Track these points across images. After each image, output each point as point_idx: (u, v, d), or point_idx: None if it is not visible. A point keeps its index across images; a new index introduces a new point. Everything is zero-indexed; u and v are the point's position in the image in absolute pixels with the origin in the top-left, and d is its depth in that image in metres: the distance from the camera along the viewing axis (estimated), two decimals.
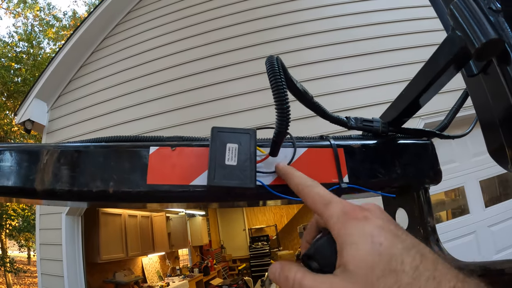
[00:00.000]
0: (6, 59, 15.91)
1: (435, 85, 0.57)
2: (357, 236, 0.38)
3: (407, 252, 0.35)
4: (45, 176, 0.55)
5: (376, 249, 0.36)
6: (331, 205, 0.43)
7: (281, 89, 0.48)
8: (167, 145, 0.56)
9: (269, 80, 0.49)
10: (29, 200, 0.60)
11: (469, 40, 0.44)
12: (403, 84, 3.53)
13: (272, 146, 0.56)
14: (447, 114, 0.82)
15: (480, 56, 0.45)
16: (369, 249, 0.36)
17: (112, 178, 0.53)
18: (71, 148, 0.56)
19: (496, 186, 4.40)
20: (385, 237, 0.37)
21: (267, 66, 0.50)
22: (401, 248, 0.36)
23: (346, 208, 0.41)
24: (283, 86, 0.48)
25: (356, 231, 0.38)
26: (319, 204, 0.44)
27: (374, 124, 0.71)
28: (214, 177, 0.50)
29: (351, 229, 0.39)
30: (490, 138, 0.62)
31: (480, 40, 0.43)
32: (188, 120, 4.56)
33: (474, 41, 0.43)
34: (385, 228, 0.38)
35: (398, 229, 0.39)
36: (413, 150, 0.71)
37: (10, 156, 0.56)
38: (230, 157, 0.52)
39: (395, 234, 0.37)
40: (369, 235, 0.37)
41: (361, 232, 0.38)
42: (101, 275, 6.57)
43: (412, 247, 0.36)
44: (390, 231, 0.38)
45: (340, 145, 0.64)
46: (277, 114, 0.50)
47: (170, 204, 0.58)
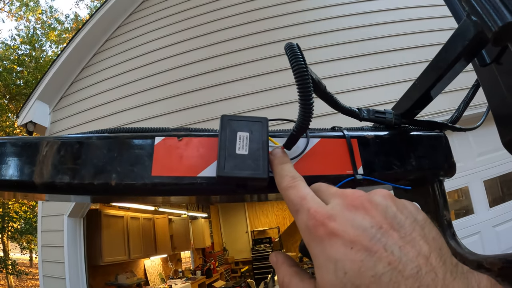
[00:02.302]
0: (8, 62, 16.01)
1: (449, 74, 0.56)
2: (320, 260, 0.33)
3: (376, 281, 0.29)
4: (44, 169, 0.53)
5: (339, 279, 0.30)
6: (298, 214, 0.38)
7: (307, 83, 0.44)
8: (173, 135, 0.53)
9: (293, 71, 0.45)
10: (29, 194, 0.58)
11: (485, 24, 0.42)
12: (404, 84, 3.53)
13: (289, 139, 0.52)
14: (458, 107, 0.81)
15: (497, 41, 0.42)
16: (332, 279, 0.31)
17: (115, 170, 0.51)
18: (72, 140, 0.54)
19: (500, 186, 4.38)
20: (352, 261, 0.30)
21: (289, 54, 0.46)
22: (370, 276, 0.29)
23: (309, 221, 0.35)
24: (309, 79, 0.44)
25: (319, 254, 0.33)
26: (292, 212, 0.40)
27: (387, 115, 0.69)
28: (224, 167, 0.47)
29: (314, 249, 0.34)
30: (505, 129, 0.60)
31: (497, 24, 0.41)
32: (191, 121, 4.54)
33: (490, 25, 0.42)
34: (357, 242, 0.31)
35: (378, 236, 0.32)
36: (427, 142, 0.69)
37: (8, 149, 0.54)
38: (241, 146, 0.49)
39: (368, 249, 0.31)
40: (332, 260, 0.32)
41: (323, 256, 0.33)
42: (103, 278, 6.57)
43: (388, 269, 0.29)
44: (362, 247, 0.31)
45: (353, 136, 0.61)
46: (300, 107, 0.47)
47: (176, 197, 0.56)
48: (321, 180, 0.51)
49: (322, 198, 0.39)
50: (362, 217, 0.34)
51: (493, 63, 0.55)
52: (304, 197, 0.39)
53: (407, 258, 0.30)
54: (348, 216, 0.34)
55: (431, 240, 0.32)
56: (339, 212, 0.35)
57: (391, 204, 0.35)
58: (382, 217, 0.34)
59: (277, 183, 0.46)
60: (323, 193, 0.40)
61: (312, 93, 0.45)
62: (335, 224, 0.34)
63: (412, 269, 0.29)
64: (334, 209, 0.35)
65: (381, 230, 0.32)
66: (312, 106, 0.46)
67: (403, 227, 0.33)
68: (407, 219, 0.34)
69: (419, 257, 0.30)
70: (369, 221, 0.33)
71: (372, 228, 0.32)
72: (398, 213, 0.35)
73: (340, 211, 0.35)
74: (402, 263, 0.29)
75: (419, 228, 0.33)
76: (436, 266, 0.30)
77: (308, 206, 0.37)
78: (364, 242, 0.31)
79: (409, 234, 0.32)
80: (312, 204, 0.37)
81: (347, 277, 0.30)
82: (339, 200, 0.36)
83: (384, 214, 0.34)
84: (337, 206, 0.36)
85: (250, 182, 0.49)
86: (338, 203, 0.36)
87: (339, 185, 0.55)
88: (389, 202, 0.36)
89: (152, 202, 3.45)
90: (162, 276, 8.21)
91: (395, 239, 0.31)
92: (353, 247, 0.31)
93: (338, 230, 0.33)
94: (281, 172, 0.46)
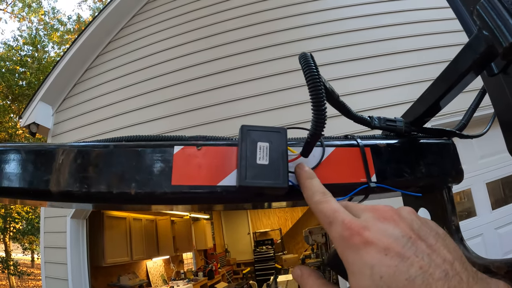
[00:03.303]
0: (11, 63, 16.04)
1: (459, 85, 0.57)
2: (356, 266, 0.35)
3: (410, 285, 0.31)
4: (61, 177, 0.53)
5: (375, 283, 0.33)
6: (332, 226, 0.40)
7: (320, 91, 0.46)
8: (192, 144, 0.54)
9: (306, 79, 0.47)
10: (37, 202, 0.58)
11: (496, 40, 0.45)
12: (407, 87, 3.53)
13: (304, 147, 0.54)
14: (465, 114, 0.82)
15: (507, 55, 0.45)
16: (368, 283, 0.33)
17: (134, 179, 0.52)
18: (88, 148, 0.55)
19: (502, 188, 4.38)
20: (388, 265, 0.33)
21: (303, 63, 0.48)
22: (404, 279, 0.32)
23: (345, 232, 0.37)
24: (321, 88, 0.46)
25: (355, 261, 0.35)
26: (324, 224, 0.42)
27: (397, 124, 0.70)
28: (245, 177, 0.48)
29: (350, 257, 0.36)
30: (511, 136, 0.61)
31: (507, 40, 0.43)
32: (193, 123, 4.55)
33: (502, 41, 0.44)
34: (391, 249, 0.34)
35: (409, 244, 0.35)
36: (436, 150, 0.70)
37: (23, 156, 0.54)
38: (261, 156, 0.50)
39: (401, 255, 0.34)
40: (368, 266, 0.34)
41: (359, 263, 0.35)
42: (105, 279, 6.57)
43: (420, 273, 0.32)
44: (395, 254, 0.34)
45: (367, 144, 0.63)
46: (313, 115, 0.48)
47: (194, 205, 0.57)
48: (336, 188, 0.52)
49: (352, 213, 0.41)
50: (393, 227, 0.37)
51: (500, 73, 0.56)
52: (337, 210, 0.41)
53: (435, 264, 0.33)
54: (381, 226, 0.37)
55: (452, 250, 0.36)
56: (372, 223, 0.37)
57: (416, 219, 0.39)
58: (409, 229, 0.37)
59: (307, 197, 0.48)
60: (352, 208, 0.42)
61: (325, 102, 0.46)
62: (369, 233, 0.36)
63: (440, 272, 0.32)
64: (367, 220, 0.38)
65: (411, 239, 0.35)
66: (325, 114, 0.47)
67: (428, 238, 0.36)
68: (431, 232, 0.38)
69: (445, 263, 0.33)
70: (399, 231, 0.36)
71: (403, 237, 0.36)
72: (422, 226, 0.38)
73: (373, 222, 0.38)
74: (432, 267, 0.33)
75: (441, 240, 0.37)
76: (460, 271, 0.33)
77: (342, 218, 0.39)
78: (397, 249, 0.34)
79: (434, 244, 0.36)
80: (345, 216, 0.40)
81: (383, 280, 0.33)
82: (370, 213, 0.39)
83: (411, 226, 0.37)
84: (369, 218, 0.38)
85: (271, 191, 0.50)
86: (370, 216, 0.39)
87: (354, 192, 0.57)
88: (413, 217, 0.39)
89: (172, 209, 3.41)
90: (164, 278, 8.21)
91: (423, 248, 0.35)
92: (387, 254, 0.34)
93: (373, 239, 0.35)
94: (311, 188, 0.48)
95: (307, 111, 0.60)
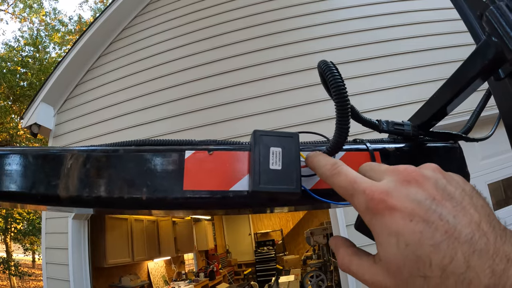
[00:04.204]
0: (12, 63, 16.05)
1: (467, 90, 0.58)
2: (382, 235, 0.35)
3: (436, 249, 0.31)
4: (70, 182, 0.52)
5: (401, 251, 0.33)
6: (354, 197, 0.39)
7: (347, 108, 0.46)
8: (203, 149, 0.54)
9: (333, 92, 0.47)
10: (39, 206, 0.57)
11: (506, 46, 0.45)
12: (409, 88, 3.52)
13: None
14: (470, 117, 0.82)
15: None
16: (395, 252, 0.34)
17: (145, 184, 0.51)
18: (98, 152, 0.54)
19: (503, 189, 4.38)
20: (413, 233, 0.33)
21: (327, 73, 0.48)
22: (429, 245, 0.32)
23: (369, 201, 0.37)
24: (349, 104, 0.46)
25: (381, 230, 0.35)
26: (346, 196, 0.41)
27: (405, 127, 0.70)
28: (259, 182, 0.48)
29: (376, 226, 0.36)
30: None
31: None
32: (195, 124, 4.56)
33: (511, 48, 0.44)
34: (416, 214, 0.34)
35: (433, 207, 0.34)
36: (443, 153, 0.70)
37: (31, 160, 0.53)
38: (274, 161, 0.50)
39: (426, 220, 0.33)
40: (394, 234, 0.34)
41: (386, 231, 0.35)
42: (107, 280, 6.59)
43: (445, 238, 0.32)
44: (420, 219, 0.33)
45: (376, 148, 0.63)
46: (337, 130, 0.48)
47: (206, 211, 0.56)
48: None
49: (373, 176, 0.41)
50: (416, 190, 0.36)
51: (506, 77, 0.57)
52: (354, 181, 0.40)
53: (461, 226, 0.32)
54: (404, 191, 0.36)
55: (480, 208, 0.35)
56: (395, 188, 0.37)
57: (441, 177, 0.38)
58: (434, 189, 0.36)
59: (321, 176, 0.47)
60: (375, 171, 0.42)
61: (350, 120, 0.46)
62: (392, 199, 0.35)
63: (466, 235, 0.31)
64: (389, 185, 0.37)
65: (435, 201, 0.35)
66: (348, 130, 0.48)
67: (454, 198, 0.35)
68: (457, 189, 0.36)
69: (471, 224, 0.32)
70: (423, 193, 0.35)
71: (427, 200, 0.35)
72: (447, 184, 0.37)
73: (395, 187, 0.37)
74: (457, 230, 0.32)
75: (468, 197, 0.36)
76: (487, 231, 0.32)
77: (362, 188, 0.38)
78: (421, 214, 0.34)
79: (459, 203, 0.35)
80: (365, 184, 0.39)
81: (409, 248, 0.33)
82: (393, 177, 0.38)
83: (435, 186, 0.36)
84: (391, 182, 0.38)
85: (284, 196, 0.50)
86: (392, 180, 0.38)
87: None
88: (438, 175, 0.38)
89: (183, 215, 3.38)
90: (166, 279, 8.21)
91: (449, 209, 0.34)
92: (412, 220, 0.34)
93: (396, 205, 0.35)
94: (319, 164, 0.47)
95: (313, 112, 0.60)
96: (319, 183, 0.54)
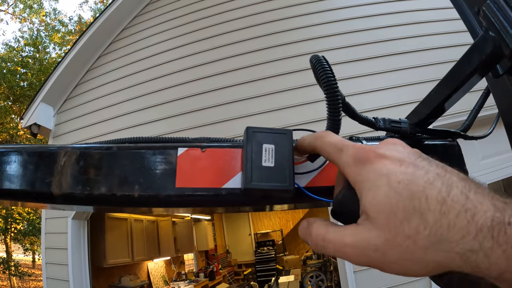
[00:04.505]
0: (12, 64, 16.06)
1: (464, 87, 0.57)
2: (372, 179, 0.34)
3: (431, 185, 0.31)
4: (63, 179, 0.52)
5: (394, 189, 0.32)
6: (343, 151, 0.39)
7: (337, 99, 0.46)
8: (196, 146, 0.53)
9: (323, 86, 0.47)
10: (38, 204, 0.57)
11: (503, 41, 0.44)
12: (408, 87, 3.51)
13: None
14: (469, 115, 0.82)
15: None
16: (386, 191, 0.33)
17: (137, 181, 0.51)
18: (91, 150, 0.54)
19: (503, 189, 4.37)
20: (404, 172, 0.33)
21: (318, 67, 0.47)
22: (423, 182, 0.31)
23: (359, 152, 0.37)
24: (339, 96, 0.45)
25: (371, 175, 0.35)
26: (333, 154, 0.41)
27: (402, 125, 0.69)
28: (251, 179, 0.48)
29: (366, 173, 0.35)
30: None
31: None
32: (196, 124, 4.55)
33: (508, 42, 0.44)
34: (405, 160, 0.35)
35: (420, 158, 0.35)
36: (441, 151, 0.69)
37: (24, 158, 0.53)
38: (267, 158, 0.49)
39: (416, 165, 0.34)
40: (385, 174, 0.34)
41: (376, 174, 0.34)
42: (106, 280, 6.58)
43: (437, 177, 0.32)
44: (410, 163, 0.34)
45: None
46: (329, 125, 0.48)
47: (198, 208, 0.56)
48: None
49: None
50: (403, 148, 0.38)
51: (505, 74, 0.56)
52: (344, 139, 0.42)
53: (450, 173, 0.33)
54: (392, 147, 0.38)
55: None
56: (383, 145, 0.39)
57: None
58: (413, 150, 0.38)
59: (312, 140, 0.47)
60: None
61: (341, 112, 0.46)
62: (382, 150, 0.37)
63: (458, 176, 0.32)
64: (377, 145, 0.39)
65: (421, 156, 0.36)
66: (340, 124, 0.47)
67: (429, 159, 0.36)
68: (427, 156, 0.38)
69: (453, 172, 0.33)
70: (410, 150, 0.37)
71: (414, 154, 0.36)
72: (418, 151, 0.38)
73: (382, 145, 0.39)
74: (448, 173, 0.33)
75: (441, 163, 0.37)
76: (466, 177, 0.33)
77: (352, 143, 0.40)
78: (411, 160, 0.35)
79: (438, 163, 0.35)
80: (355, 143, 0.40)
81: (401, 185, 0.32)
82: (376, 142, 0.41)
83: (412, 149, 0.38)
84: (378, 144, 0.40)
85: (277, 194, 0.49)
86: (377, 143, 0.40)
87: None
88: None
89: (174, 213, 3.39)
90: (165, 279, 8.21)
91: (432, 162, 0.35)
92: (402, 164, 0.35)
93: (386, 154, 0.36)
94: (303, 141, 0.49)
95: (312, 112, 0.59)
96: (314, 181, 0.53)
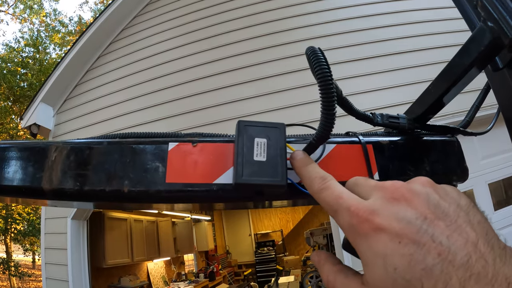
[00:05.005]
0: (12, 64, 16.08)
1: (463, 80, 0.55)
2: (369, 257, 0.32)
3: (428, 275, 0.28)
4: (53, 175, 0.51)
5: (390, 275, 0.30)
6: (337, 215, 0.37)
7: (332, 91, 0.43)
8: (187, 141, 0.52)
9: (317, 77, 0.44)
10: (37, 201, 0.56)
11: (502, 31, 0.43)
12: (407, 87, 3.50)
13: (308, 147, 0.51)
14: (469, 111, 0.81)
15: None
16: (382, 274, 0.30)
17: (127, 176, 0.50)
18: (82, 145, 0.53)
19: (504, 189, 4.36)
20: (402, 255, 0.30)
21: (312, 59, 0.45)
22: (421, 270, 0.29)
23: (352, 220, 0.34)
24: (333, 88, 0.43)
25: (367, 251, 0.33)
26: (330, 213, 0.38)
27: (400, 120, 0.68)
28: (242, 174, 0.46)
29: (361, 247, 0.33)
30: None
31: None
32: (195, 124, 4.54)
33: (507, 32, 0.43)
34: (404, 237, 0.31)
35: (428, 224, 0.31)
36: (440, 147, 0.68)
37: (15, 153, 0.52)
38: (258, 152, 0.48)
39: (417, 244, 0.30)
40: (380, 256, 0.31)
41: (372, 253, 0.32)
42: (106, 280, 6.58)
43: (438, 262, 0.29)
44: (410, 242, 0.30)
45: (369, 141, 0.60)
46: (323, 117, 0.45)
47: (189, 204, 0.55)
48: None
49: (360, 193, 0.38)
50: (405, 209, 0.33)
51: (505, 68, 0.55)
52: (340, 196, 0.38)
53: (456, 247, 0.29)
54: (391, 209, 0.33)
55: (477, 225, 0.32)
56: (381, 206, 0.34)
57: (432, 191, 0.35)
58: (425, 206, 0.33)
59: (307, 187, 0.44)
60: (362, 187, 0.39)
61: (336, 104, 0.44)
62: (379, 219, 0.33)
63: (462, 258, 0.28)
64: (376, 203, 0.34)
65: (427, 220, 0.31)
66: (335, 117, 0.45)
67: (447, 215, 0.32)
68: (451, 205, 0.33)
69: (467, 245, 0.29)
70: (413, 212, 0.32)
71: (417, 219, 0.32)
72: (440, 200, 0.34)
73: (382, 205, 0.34)
74: (452, 252, 0.29)
75: (464, 214, 0.33)
76: (485, 252, 0.29)
77: (347, 205, 0.36)
78: (411, 235, 0.31)
79: (454, 222, 0.31)
80: (351, 201, 0.36)
81: (398, 272, 0.30)
82: (379, 194, 0.36)
83: (426, 203, 0.33)
84: (378, 200, 0.35)
85: (269, 189, 0.48)
86: (378, 197, 0.35)
87: None
88: (429, 189, 0.35)
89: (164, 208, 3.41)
90: (165, 279, 8.20)
91: (442, 229, 0.31)
92: (401, 241, 0.31)
93: (383, 225, 0.32)
94: (309, 175, 0.44)
95: (312, 111, 0.58)
96: None
